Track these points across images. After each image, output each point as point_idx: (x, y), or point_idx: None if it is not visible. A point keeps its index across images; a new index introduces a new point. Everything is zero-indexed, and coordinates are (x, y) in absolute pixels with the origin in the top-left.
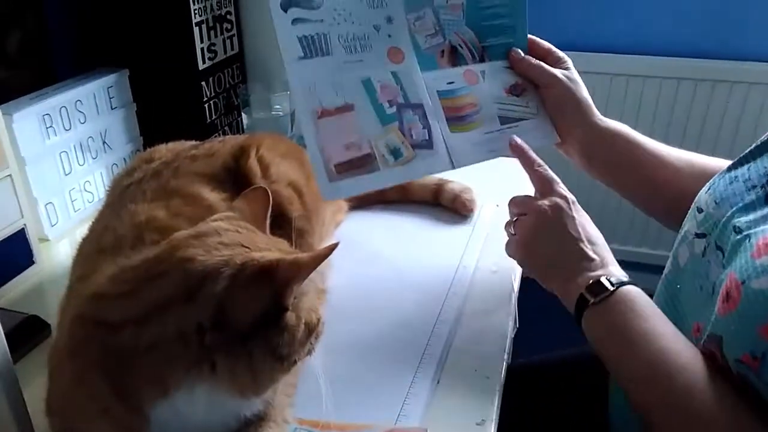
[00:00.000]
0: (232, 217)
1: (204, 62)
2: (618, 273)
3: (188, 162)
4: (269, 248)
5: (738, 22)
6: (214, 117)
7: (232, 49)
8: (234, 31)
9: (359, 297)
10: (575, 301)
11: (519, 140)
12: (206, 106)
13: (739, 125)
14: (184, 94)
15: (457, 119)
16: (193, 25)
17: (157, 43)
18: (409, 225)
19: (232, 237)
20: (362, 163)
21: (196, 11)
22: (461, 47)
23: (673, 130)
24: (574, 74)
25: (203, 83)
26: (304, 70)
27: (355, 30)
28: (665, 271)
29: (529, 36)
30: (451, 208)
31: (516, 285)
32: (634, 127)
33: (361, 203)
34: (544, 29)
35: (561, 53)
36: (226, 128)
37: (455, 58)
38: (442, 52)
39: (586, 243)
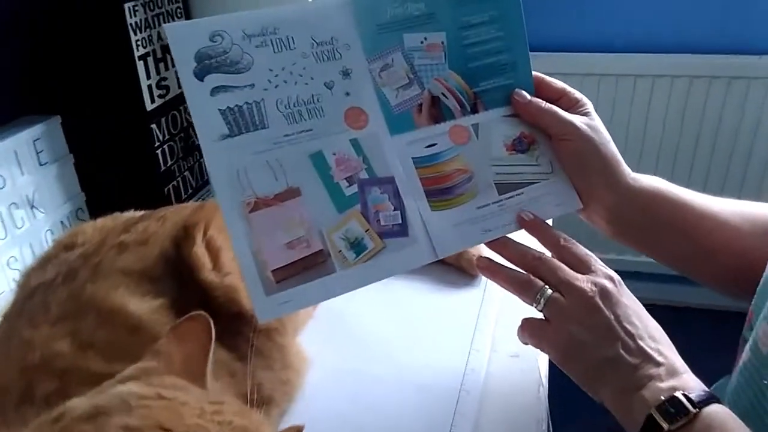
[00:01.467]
0: (153, 371)
1: (153, 101)
2: (695, 384)
3: (114, 254)
4: (205, 427)
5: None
6: (170, 163)
7: None
8: None
9: (345, 399)
10: (640, 422)
11: (530, 214)
12: (159, 152)
13: (741, 123)
14: (130, 141)
15: (439, 192)
16: (136, 58)
17: (93, 83)
18: (405, 292)
19: (145, 415)
20: (311, 264)
21: (139, 42)
22: (445, 97)
23: (668, 128)
24: (597, 121)
25: (153, 125)
26: (229, 152)
27: (299, 92)
28: (742, 359)
29: (535, 73)
30: (455, 266)
31: (544, 374)
32: (627, 128)
33: None
34: (532, 31)
35: (578, 94)
36: (186, 174)
37: (438, 112)
38: (420, 106)
39: (647, 340)
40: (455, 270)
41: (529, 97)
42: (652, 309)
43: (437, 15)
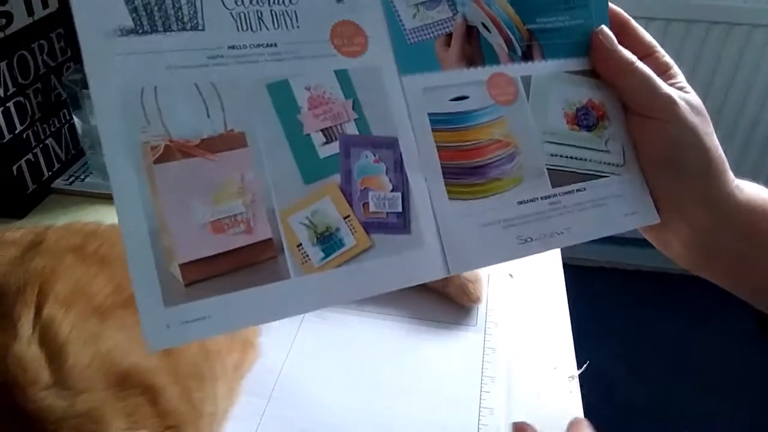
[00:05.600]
0: None
1: None
2: None
3: None
4: None
5: None
6: (19, 128)
7: (46, 5)
8: None
9: None
10: None
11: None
12: (0, 112)
13: (717, 71)
14: None
15: (464, 172)
16: None
17: None
18: (386, 334)
19: None
20: (250, 260)
21: None
22: (486, 29)
23: None
24: (697, 101)
25: None
26: (130, 59)
27: None
28: None
29: (617, 11)
30: (437, 290)
31: None
32: None
33: None
34: None
35: (668, 58)
36: (50, 142)
37: (474, 50)
38: (448, 37)
39: None
40: (437, 297)
41: (618, 47)
42: (602, 271)
43: None
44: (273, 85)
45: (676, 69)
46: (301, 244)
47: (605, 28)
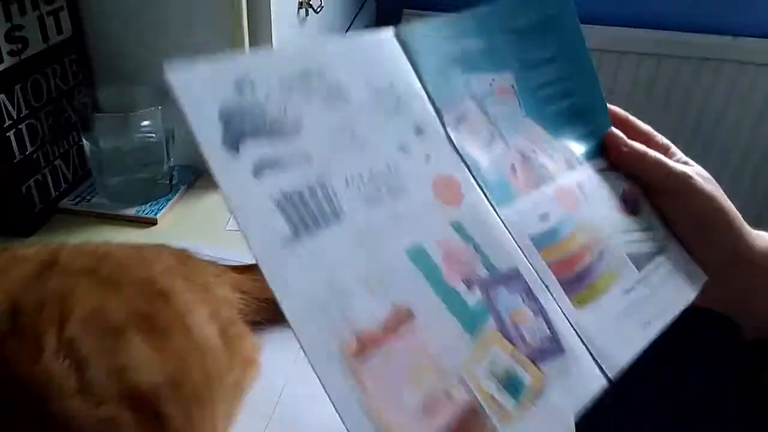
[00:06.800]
0: None
1: (1, 59)
2: None
3: None
4: None
5: None
6: (29, 150)
7: (60, 32)
8: (62, 1)
9: None
10: None
11: None
12: (12, 133)
13: (707, 107)
14: None
15: (575, 281)
16: None
17: None
18: None
19: None
20: (466, 429)
21: None
22: (534, 153)
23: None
24: (703, 170)
25: (1, 96)
26: (301, 265)
27: (369, 161)
28: None
29: (617, 111)
30: None
31: None
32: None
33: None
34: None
35: (663, 138)
36: (58, 163)
37: (533, 173)
38: (512, 166)
39: None
40: None
41: (628, 141)
42: None
43: (498, 51)
44: (411, 251)
45: (674, 147)
46: (493, 397)
47: (614, 130)
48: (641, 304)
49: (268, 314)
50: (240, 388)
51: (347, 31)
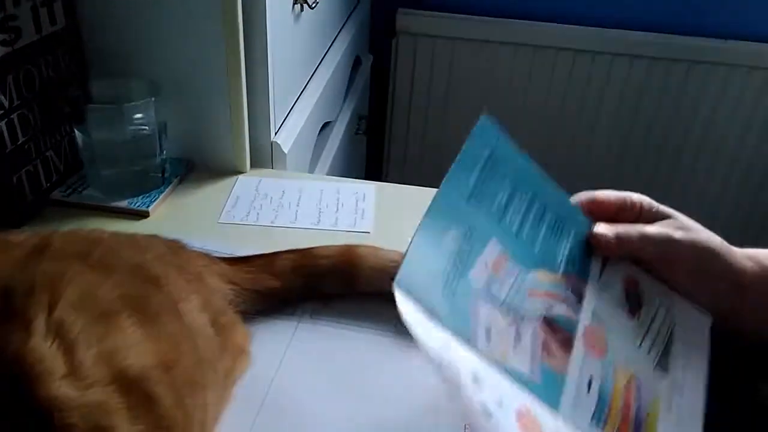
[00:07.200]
0: None
1: None
2: None
3: None
4: None
5: None
6: (21, 140)
7: (54, 22)
8: None
9: None
10: None
11: None
12: (3, 123)
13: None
14: None
15: (636, 423)
16: None
17: None
18: (378, 346)
19: None
20: None
21: None
22: (551, 308)
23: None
24: (681, 217)
25: None
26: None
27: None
28: None
29: (587, 195)
30: None
31: None
32: (581, 108)
33: (284, 305)
34: None
35: (635, 196)
36: (50, 154)
37: (560, 334)
38: (543, 344)
39: None
40: None
41: (611, 234)
42: None
43: (475, 227)
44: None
45: (647, 200)
46: None
47: (595, 230)
48: (681, 412)
49: (258, 305)
50: (231, 377)
51: (342, 28)
